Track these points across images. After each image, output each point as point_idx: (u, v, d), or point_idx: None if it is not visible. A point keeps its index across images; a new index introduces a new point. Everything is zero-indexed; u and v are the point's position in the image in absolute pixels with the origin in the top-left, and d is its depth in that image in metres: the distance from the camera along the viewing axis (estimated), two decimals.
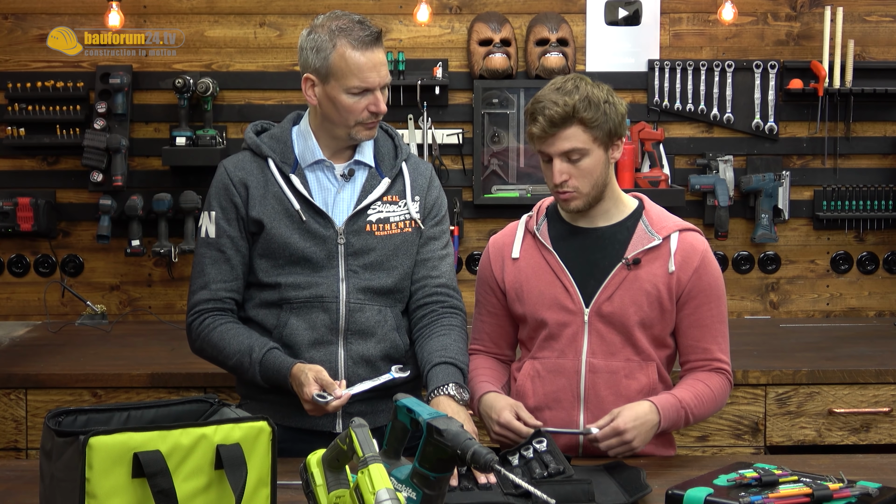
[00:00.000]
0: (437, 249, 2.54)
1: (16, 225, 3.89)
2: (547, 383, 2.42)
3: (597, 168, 2.36)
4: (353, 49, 2.36)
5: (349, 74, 2.36)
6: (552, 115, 2.30)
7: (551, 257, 2.43)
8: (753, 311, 4.12)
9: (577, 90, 2.32)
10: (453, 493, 2.03)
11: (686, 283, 2.39)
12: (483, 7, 4.02)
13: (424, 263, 2.52)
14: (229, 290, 2.46)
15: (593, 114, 2.31)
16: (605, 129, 2.34)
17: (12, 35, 3.96)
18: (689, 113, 4.03)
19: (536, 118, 2.33)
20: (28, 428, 3.22)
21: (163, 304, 4.03)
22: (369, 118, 2.41)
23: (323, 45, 2.38)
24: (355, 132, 2.43)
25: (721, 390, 2.42)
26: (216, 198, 2.47)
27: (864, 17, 4.06)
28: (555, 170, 2.34)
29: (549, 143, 2.34)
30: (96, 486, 1.67)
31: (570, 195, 2.37)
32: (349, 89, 2.37)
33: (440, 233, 2.56)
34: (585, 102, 2.31)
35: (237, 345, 2.40)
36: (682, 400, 2.34)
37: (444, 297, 2.52)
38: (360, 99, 2.39)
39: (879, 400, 3.31)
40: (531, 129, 2.35)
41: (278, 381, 2.37)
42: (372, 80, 2.37)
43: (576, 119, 2.31)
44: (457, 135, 3.99)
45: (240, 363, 2.40)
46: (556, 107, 2.30)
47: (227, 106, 3.98)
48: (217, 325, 2.43)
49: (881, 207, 4.05)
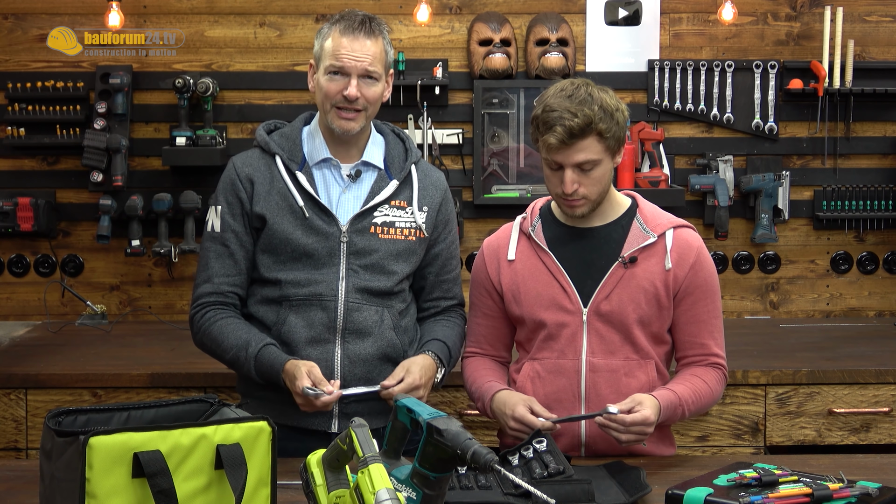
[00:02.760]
0: (452, 270, 2.60)
1: (16, 225, 3.89)
2: (547, 384, 2.42)
3: (605, 176, 2.36)
4: (341, 34, 2.41)
5: (329, 55, 2.42)
6: (572, 127, 2.27)
7: (548, 258, 2.43)
8: (753, 311, 4.12)
9: (591, 99, 2.30)
10: (453, 492, 2.03)
11: (683, 280, 2.40)
12: (483, 7, 4.02)
13: (440, 285, 2.58)
14: (232, 285, 2.48)
15: (609, 124, 2.30)
16: (617, 139, 2.34)
17: (12, 35, 3.96)
18: (689, 113, 4.03)
19: (554, 128, 2.28)
20: (28, 428, 3.22)
21: (163, 304, 4.03)
22: (341, 102, 2.42)
23: (323, 31, 2.46)
24: (331, 118, 2.45)
25: (717, 386, 2.43)
26: (223, 192, 2.50)
27: (864, 17, 4.06)
28: (566, 179, 2.32)
29: (564, 153, 2.31)
30: (96, 486, 1.67)
31: (578, 203, 2.37)
32: (326, 68, 2.42)
33: (455, 251, 2.62)
34: (601, 112, 2.29)
35: (234, 339, 2.42)
36: (681, 397, 2.35)
37: (454, 312, 2.62)
38: (336, 81, 2.41)
39: (879, 400, 3.31)
40: (547, 139, 2.30)
41: (272, 377, 2.39)
42: (347, 62, 2.40)
43: (594, 131, 2.29)
44: (457, 135, 3.99)
45: (236, 357, 2.42)
46: (576, 118, 2.27)
47: (227, 106, 3.98)
48: (217, 319, 2.45)
49: (881, 207, 4.05)
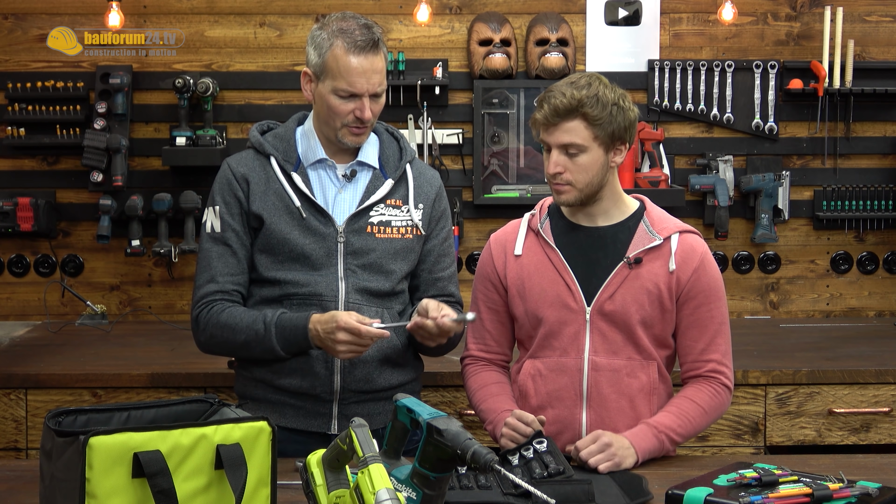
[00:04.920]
0: (446, 267, 2.58)
1: (16, 225, 3.89)
2: (549, 382, 2.42)
3: (593, 167, 2.36)
4: (347, 52, 2.37)
5: (338, 76, 2.38)
6: (557, 105, 2.33)
7: (554, 255, 2.43)
8: (753, 311, 4.12)
9: (588, 87, 2.34)
10: (453, 492, 2.03)
11: (685, 283, 2.40)
12: (483, 7, 4.02)
13: (435, 283, 2.56)
14: (236, 283, 2.46)
15: (598, 112, 2.33)
16: (607, 130, 2.34)
17: (12, 35, 3.96)
18: (689, 113, 4.03)
19: (542, 105, 2.36)
20: (28, 428, 3.22)
21: (163, 304, 4.03)
22: (354, 122, 2.41)
23: (322, 42, 2.40)
24: (341, 135, 2.44)
25: (712, 402, 2.40)
26: (220, 193, 2.48)
27: (864, 17, 4.06)
28: (551, 160, 2.37)
29: (549, 132, 2.36)
30: (96, 486, 1.67)
31: (562, 188, 2.38)
32: (336, 90, 2.39)
33: (448, 248, 2.60)
34: (593, 100, 2.33)
35: (249, 318, 2.40)
36: (659, 425, 2.34)
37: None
38: (347, 102, 2.40)
39: (879, 400, 3.31)
40: (535, 116, 2.38)
41: (297, 337, 2.36)
42: (359, 86, 2.38)
43: (579, 113, 2.33)
44: (457, 135, 3.99)
45: (254, 333, 2.39)
46: (563, 98, 2.33)
47: (227, 106, 3.98)
48: (226, 308, 2.43)
49: (881, 207, 4.05)
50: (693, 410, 2.38)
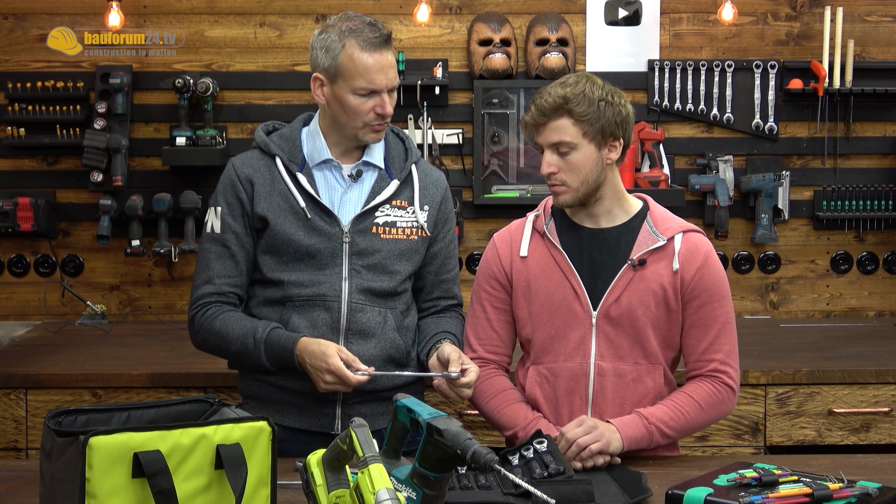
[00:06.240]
0: (451, 269, 2.60)
1: (16, 225, 3.89)
2: (556, 387, 2.41)
3: (586, 165, 2.36)
4: (362, 50, 2.37)
5: (356, 75, 2.37)
6: (542, 104, 2.35)
7: (560, 257, 2.42)
8: (753, 311, 4.12)
9: (575, 85, 2.36)
10: (453, 492, 2.03)
11: (690, 282, 2.39)
12: (483, 7, 4.02)
13: (440, 284, 2.58)
14: (233, 286, 2.47)
15: (585, 108, 2.33)
16: (596, 126, 2.34)
17: (12, 35, 3.96)
18: (689, 113, 4.03)
19: (530, 107, 2.39)
20: (28, 428, 3.22)
21: (163, 304, 4.03)
22: (375, 120, 2.42)
23: (332, 45, 2.39)
24: (362, 134, 2.44)
25: (710, 399, 2.38)
26: (222, 193, 2.48)
27: (864, 17, 4.06)
28: (544, 160, 2.39)
29: (539, 132, 2.38)
30: (96, 486, 1.67)
31: (558, 189, 2.39)
32: (356, 90, 2.38)
33: (453, 249, 2.61)
34: (579, 96, 2.33)
35: (240, 329, 2.40)
36: (650, 416, 2.34)
37: (453, 312, 2.61)
38: (367, 100, 2.40)
39: (879, 400, 3.31)
40: (524, 118, 2.41)
41: (283, 357, 2.36)
42: (379, 82, 2.38)
43: (565, 110, 2.34)
44: (457, 135, 3.99)
45: (244, 346, 2.40)
46: (549, 97, 2.35)
47: (227, 106, 3.98)
48: (220, 314, 2.43)
49: (881, 207, 4.05)
50: (688, 405, 2.37)
